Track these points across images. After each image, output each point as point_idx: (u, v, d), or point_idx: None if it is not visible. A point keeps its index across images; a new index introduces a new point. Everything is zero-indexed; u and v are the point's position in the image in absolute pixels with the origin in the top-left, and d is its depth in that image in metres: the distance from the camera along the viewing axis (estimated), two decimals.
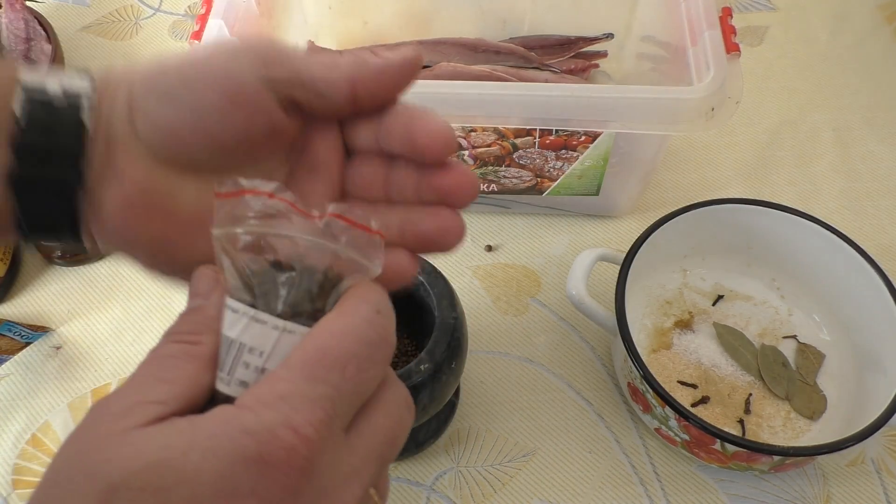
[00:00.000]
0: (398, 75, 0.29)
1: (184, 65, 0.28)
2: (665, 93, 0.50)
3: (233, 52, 0.28)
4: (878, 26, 0.82)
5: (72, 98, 0.27)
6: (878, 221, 0.67)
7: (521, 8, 0.72)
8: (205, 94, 0.27)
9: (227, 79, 0.27)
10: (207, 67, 0.27)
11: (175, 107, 0.27)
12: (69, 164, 0.27)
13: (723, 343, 0.57)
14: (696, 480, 0.53)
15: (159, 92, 0.27)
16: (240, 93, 0.27)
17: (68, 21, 0.84)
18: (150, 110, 0.27)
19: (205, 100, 0.27)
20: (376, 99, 0.29)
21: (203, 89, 0.27)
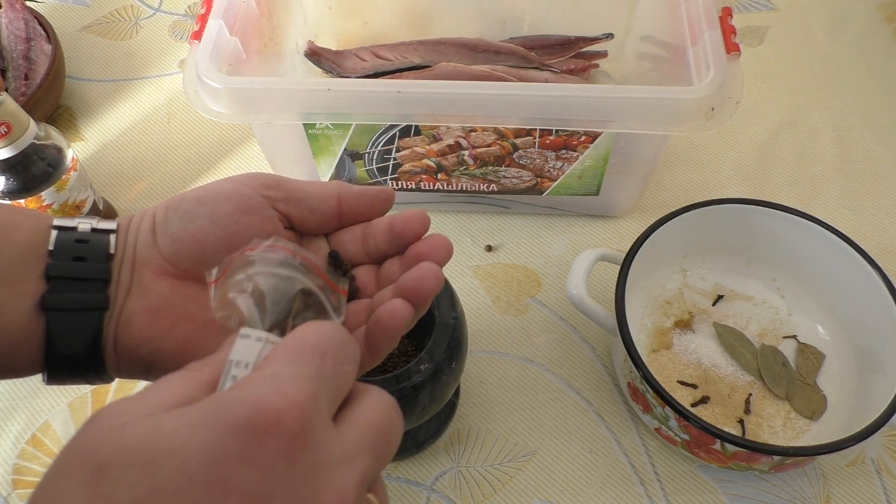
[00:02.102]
0: (376, 198, 0.34)
1: (198, 191, 0.33)
2: (665, 93, 0.50)
3: (239, 179, 0.33)
4: (878, 26, 0.82)
5: (99, 232, 0.32)
6: (878, 221, 0.67)
7: (521, 8, 0.72)
8: (219, 208, 0.32)
9: (237, 195, 0.32)
10: (219, 189, 0.33)
11: (195, 221, 0.32)
12: (97, 289, 0.31)
13: (723, 343, 0.57)
14: (696, 480, 0.53)
15: (181, 212, 0.32)
16: (249, 205, 0.32)
17: (68, 21, 0.84)
18: (173, 227, 0.32)
19: (220, 212, 0.32)
20: (357, 215, 0.34)
21: (217, 204, 0.32)
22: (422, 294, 0.31)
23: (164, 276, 0.32)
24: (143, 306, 0.31)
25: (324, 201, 0.34)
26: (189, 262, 0.32)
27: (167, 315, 0.31)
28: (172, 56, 0.81)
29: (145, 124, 0.75)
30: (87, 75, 0.79)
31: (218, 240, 0.32)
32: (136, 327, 0.31)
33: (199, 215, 0.32)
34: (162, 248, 0.32)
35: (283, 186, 0.33)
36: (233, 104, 0.53)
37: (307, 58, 0.72)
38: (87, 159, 0.72)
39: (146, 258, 0.32)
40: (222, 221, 0.32)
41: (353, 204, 0.34)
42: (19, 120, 0.53)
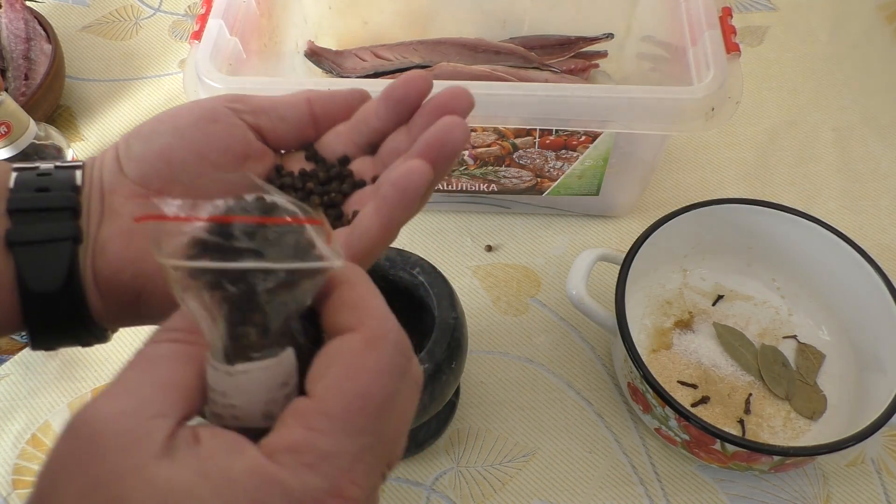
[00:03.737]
0: (350, 97, 0.32)
1: (155, 116, 0.31)
2: (665, 93, 0.50)
3: (196, 99, 0.32)
4: (878, 26, 0.82)
5: (63, 168, 0.30)
6: (878, 221, 0.67)
7: (521, 8, 0.72)
8: (181, 120, 0.30)
9: (197, 107, 0.31)
10: (176, 108, 0.31)
11: (157, 138, 0.30)
12: (65, 219, 0.28)
13: (723, 343, 0.57)
14: (696, 480, 0.53)
15: (142, 135, 0.30)
16: (212, 114, 0.30)
17: (68, 21, 0.84)
18: (136, 150, 0.30)
19: (182, 123, 0.30)
20: (333, 118, 0.32)
21: (178, 118, 0.30)
22: (448, 149, 0.27)
23: (135, 199, 0.30)
24: (116, 230, 0.29)
25: (293, 106, 0.32)
26: (159, 180, 0.30)
27: (142, 236, 0.29)
28: (172, 56, 0.81)
29: None
30: (87, 75, 0.79)
31: (184, 151, 0.30)
32: (112, 252, 0.29)
33: (160, 132, 0.30)
34: (129, 172, 0.30)
35: (248, 99, 0.32)
36: None
37: (307, 58, 0.71)
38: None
39: (114, 185, 0.30)
40: (186, 132, 0.30)
41: (325, 104, 0.32)
42: (19, 120, 0.54)
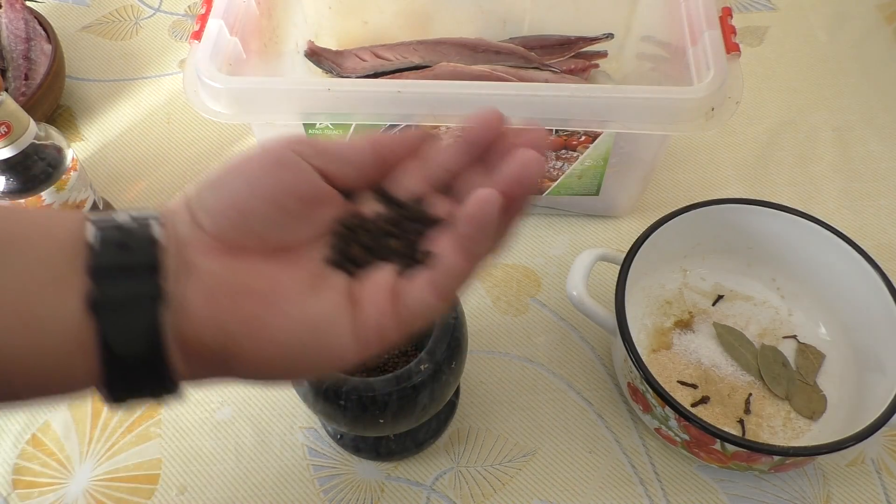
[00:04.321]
0: (415, 139, 0.32)
1: (224, 164, 0.31)
2: (665, 93, 0.50)
3: (262, 144, 0.31)
4: (878, 26, 0.82)
5: (140, 220, 0.29)
6: (878, 221, 0.67)
7: (521, 8, 0.72)
8: (250, 168, 0.30)
9: (265, 152, 0.30)
10: (246, 154, 0.30)
11: (228, 187, 0.30)
12: (147, 277, 0.27)
13: (723, 343, 0.57)
14: (696, 480, 0.53)
15: (212, 185, 0.30)
16: (279, 159, 0.30)
17: (68, 21, 0.84)
18: (208, 201, 0.30)
19: (252, 171, 0.30)
20: (398, 159, 0.32)
21: (247, 165, 0.30)
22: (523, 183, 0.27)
23: (212, 253, 0.29)
24: (197, 289, 0.28)
25: (358, 150, 0.31)
26: (234, 231, 0.29)
27: (225, 293, 0.28)
28: (172, 56, 0.81)
29: (145, 124, 0.75)
30: (87, 75, 0.79)
31: (257, 200, 0.29)
32: (195, 313, 0.28)
33: (230, 182, 0.30)
34: (203, 224, 0.29)
35: (313, 143, 0.31)
36: (233, 104, 0.53)
37: (307, 58, 0.72)
38: (87, 159, 0.72)
39: (190, 239, 0.29)
40: (257, 180, 0.29)
41: (390, 145, 0.32)
42: (19, 120, 0.53)
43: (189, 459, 0.54)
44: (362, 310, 0.29)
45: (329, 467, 0.54)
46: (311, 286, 0.30)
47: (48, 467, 0.54)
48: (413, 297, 0.29)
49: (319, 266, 0.31)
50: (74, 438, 0.55)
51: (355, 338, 0.29)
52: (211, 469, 0.54)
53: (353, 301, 0.30)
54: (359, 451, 0.54)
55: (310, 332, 0.29)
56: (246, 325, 0.28)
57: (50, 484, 0.53)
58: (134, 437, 0.55)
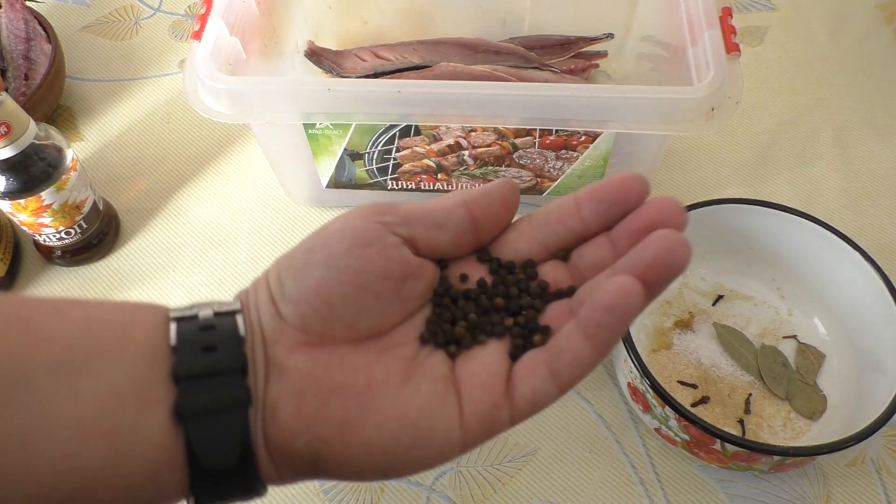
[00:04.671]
0: (506, 190, 0.29)
1: (306, 240, 0.28)
2: (665, 93, 0.50)
3: (347, 214, 0.28)
4: (878, 26, 0.82)
5: (224, 314, 0.27)
6: (878, 221, 0.67)
7: (521, 8, 0.72)
8: (332, 249, 0.27)
9: (348, 229, 0.27)
10: (327, 231, 0.28)
11: (310, 273, 0.27)
12: (235, 381, 0.25)
13: (723, 343, 0.57)
14: (696, 480, 0.53)
15: (293, 270, 0.27)
16: (364, 236, 0.27)
17: (68, 21, 0.84)
18: (290, 289, 0.27)
19: (335, 254, 0.27)
20: (494, 219, 0.29)
21: (329, 246, 0.27)
22: (669, 271, 0.24)
23: (299, 349, 0.27)
24: (285, 391, 0.26)
25: (450, 212, 0.28)
26: (320, 322, 0.27)
27: (315, 393, 0.26)
28: (172, 56, 0.81)
29: (145, 124, 0.75)
30: (87, 75, 0.79)
31: (342, 284, 0.27)
32: (285, 417, 0.26)
33: (312, 265, 0.27)
34: (287, 316, 0.27)
35: (398, 209, 0.28)
36: (233, 104, 0.53)
37: (307, 58, 0.71)
38: (87, 159, 0.72)
39: (275, 334, 0.27)
40: (340, 263, 0.27)
41: (484, 205, 0.28)
42: (19, 120, 0.53)
43: None
44: (471, 398, 0.26)
45: None
46: (407, 375, 0.27)
47: None
48: (532, 385, 0.26)
49: (414, 349, 0.28)
50: None
51: (461, 429, 0.26)
52: None
53: (456, 387, 0.27)
54: None
55: (409, 429, 0.26)
56: (339, 429, 0.26)
57: None
58: None
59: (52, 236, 0.60)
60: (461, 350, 0.28)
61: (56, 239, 0.61)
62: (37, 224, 0.59)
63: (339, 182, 0.63)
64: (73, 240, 0.62)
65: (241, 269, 0.64)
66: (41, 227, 0.59)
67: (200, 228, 0.67)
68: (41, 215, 0.58)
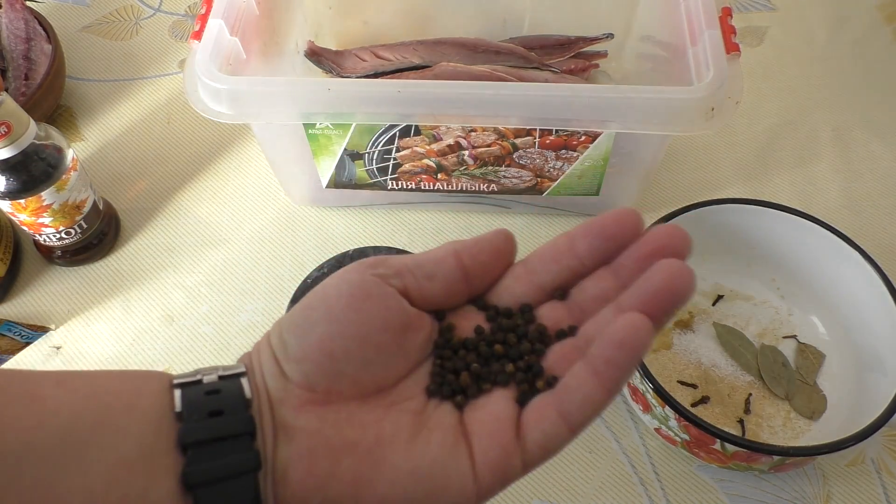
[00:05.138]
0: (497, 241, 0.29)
1: (305, 299, 0.28)
2: (665, 93, 0.50)
3: (341, 272, 0.28)
4: (877, 26, 0.82)
5: (229, 378, 0.27)
6: (878, 221, 0.67)
7: (521, 8, 0.72)
8: (332, 304, 0.27)
9: (346, 283, 0.28)
10: (325, 288, 0.28)
11: (312, 330, 0.27)
12: (244, 446, 0.25)
13: (723, 343, 0.57)
14: (696, 480, 0.53)
15: (294, 328, 0.27)
16: (362, 289, 0.27)
17: (68, 21, 0.84)
18: (292, 348, 0.27)
19: (335, 309, 0.27)
20: (485, 268, 0.29)
21: (328, 301, 0.27)
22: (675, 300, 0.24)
23: (306, 408, 0.27)
24: (295, 452, 0.26)
25: (440, 262, 0.28)
26: (325, 379, 0.27)
27: (326, 453, 0.26)
28: (172, 56, 0.81)
29: (145, 124, 0.75)
30: (87, 75, 0.79)
31: (345, 339, 0.27)
32: (296, 480, 0.25)
33: (314, 322, 0.27)
34: (291, 376, 0.27)
35: (388, 262, 0.28)
36: (233, 104, 0.53)
37: (307, 58, 0.72)
38: (87, 159, 0.72)
39: (280, 395, 0.27)
40: (341, 317, 0.27)
41: (475, 254, 0.29)
42: (19, 120, 0.53)
43: None
44: (481, 447, 0.26)
45: None
46: (417, 429, 0.27)
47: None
48: (542, 429, 0.26)
49: (421, 402, 0.28)
50: None
51: (475, 480, 0.26)
52: None
53: (466, 437, 0.27)
54: None
55: (423, 482, 0.26)
56: (352, 487, 0.26)
57: None
58: None
59: (52, 236, 0.60)
60: (468, 400, 0.28)
61: (56, 239, 0.61)
62: (37, 224, 0.59)
63: (340, 182, 0.63)
64: (73, 240, 0.62)
65: (241, 269, 0.65)
66: (41, 227, 0.59)
67: (200, 228, 0.67)
68: (41, 215, 0.58)
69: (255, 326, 0.61)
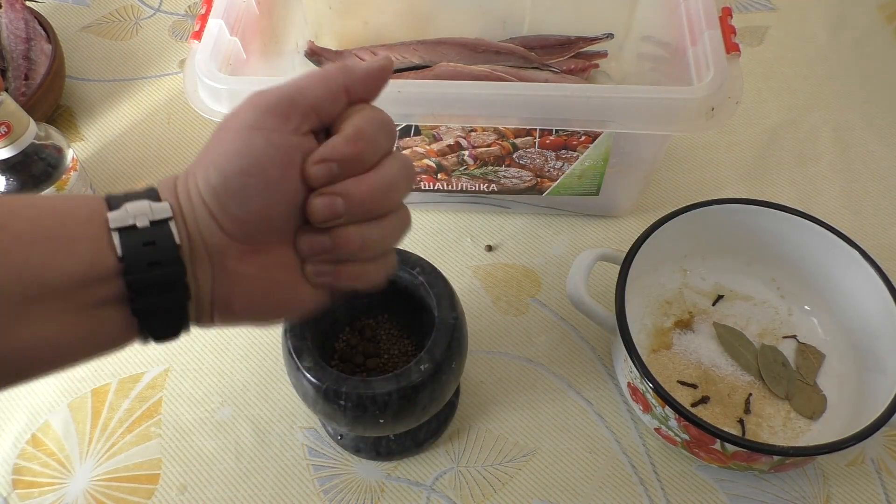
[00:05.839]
0: (378, 78, 0.35)
1: (235, 158, 0.31)
2: (665, 93, 0.50)
3: (254, 122, 0.32)
4: (878, 26, 0.82)
5: (158, 225, 0.31)
6: (878, 221, 0.67)
7: (521, 8, 0.72)
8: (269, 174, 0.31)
9: (274, 149, 0.31)
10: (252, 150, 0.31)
11: (253, 199, 0.31)
12: (178, 285, 0.31)
13: (723, 343, 0.57)
14: (696, 480, 0.53)
15: (232, 193, 0.31)
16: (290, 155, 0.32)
17: (68, 21, 0.84)
18: (233, 211, 0.31)
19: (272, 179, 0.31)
20: (364, 97, 0.35)
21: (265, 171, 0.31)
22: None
23: (245, 258, 0.32)
24: (238, 292, 0.33)
25: (336, 102, 0.33)
26: (262, 235, 0.32)
27: (261, 292, 0.33)
28: (172, 56, 0.81)
29: (145, 124, 0.75)
30: (87, 75, 0.79)
31: (281, 205, 0.32)
32: (238, 308, 0.33)
33: (254, 191, 0.31)
34: (233, 234, 0.32)
35: (297, 105, 0.32)
36: (233, 104, 0.52)
37: (307, 58, 0.72)
38: (87, 159, 0.72)
39: (222, 248, 0.32)
40: (278, 188, 0.31)
41: (359, 90, 0.34)
42: (19, 120, 0.54)
43: (189, 459, 0.54)
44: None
45: (329, 467, 0.54)
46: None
47: (48, 467, 0.54)
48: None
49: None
50: (74, 438, 0.55)
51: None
52: (211, 469, 0.54)
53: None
54: (359, 451, 0.54)
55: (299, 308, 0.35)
56: (275, 307, 0.34)
57: (50, 484, 0.53)
58: (134, 437, 0.55)
59: None
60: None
61: None
62: None
63: None
64: None
65: None
66: None
67: None
68: None
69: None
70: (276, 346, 0.59)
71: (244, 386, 0.58)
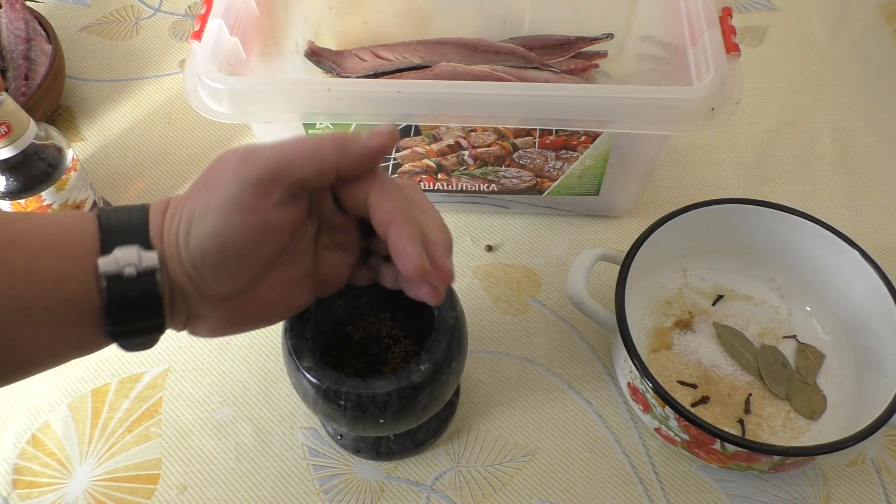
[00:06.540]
0: (375, 158, 0.36)
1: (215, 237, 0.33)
2: (665, 93, 0.50)
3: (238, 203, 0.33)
4: (878, 26, 0.82)
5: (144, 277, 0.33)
6: (878, 221, 0.67)
7: (521, 8, 0.72)
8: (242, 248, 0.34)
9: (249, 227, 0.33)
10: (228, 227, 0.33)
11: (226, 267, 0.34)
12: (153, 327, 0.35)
13: (723, 343, 0.57)
14: (696, 480, 0.53)
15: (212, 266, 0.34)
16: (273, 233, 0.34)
17: (68, 21, 0.84)
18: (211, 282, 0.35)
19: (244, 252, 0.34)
20: (358, 173, 0.36)
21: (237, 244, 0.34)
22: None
23: (217, 306, 0.36)
24: (207, 328, 0.37)
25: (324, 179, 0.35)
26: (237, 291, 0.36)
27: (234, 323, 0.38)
28: (172, 56, 0.81)
29: (145, 124, 0.75)
30: (87, 75, 0.79)
31: (256, 273, 0.36)
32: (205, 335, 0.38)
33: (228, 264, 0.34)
34: (208, 293, 0.35)
35: (281, 181, 0.34)
36: (233, 104, 0.53)
37: (307, 58, 0.72)
38: (87, 159, 0.72)
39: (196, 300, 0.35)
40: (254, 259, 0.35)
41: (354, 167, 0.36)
42: (19, 120, 0.54)
43: (189, 459, 0.54)
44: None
45: (329, 467, 0.54)
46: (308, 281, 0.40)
47: (48, 467, 0.54)
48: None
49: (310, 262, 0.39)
50: (74, 438, 0.55)
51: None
52: (211, 469, 0.54)
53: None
54: (359, 451, 0.54)
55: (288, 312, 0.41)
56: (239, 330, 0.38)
57: (50, 484, 0.53)
58: (134, 437, 0.55)
59: None
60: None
61: None
62: None
63: None
64: None
65: None
66: None
67: None
68: None
69: None
70: (276, 346, 0.59)
71: (244, 386, 0.58)
